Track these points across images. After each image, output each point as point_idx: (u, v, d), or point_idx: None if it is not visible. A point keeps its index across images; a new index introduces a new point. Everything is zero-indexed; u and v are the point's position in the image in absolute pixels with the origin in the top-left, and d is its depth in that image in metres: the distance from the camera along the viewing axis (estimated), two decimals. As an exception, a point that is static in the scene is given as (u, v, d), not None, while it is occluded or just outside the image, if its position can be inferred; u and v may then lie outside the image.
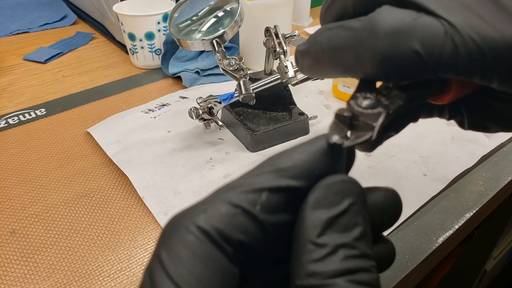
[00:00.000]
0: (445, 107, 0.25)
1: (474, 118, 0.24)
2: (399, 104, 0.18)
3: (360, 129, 0.17)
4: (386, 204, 0.18)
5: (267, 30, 0.47)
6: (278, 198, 0.16)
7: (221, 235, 0.15)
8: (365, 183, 0.17)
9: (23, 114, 0.55)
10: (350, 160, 0.17)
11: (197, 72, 0.62)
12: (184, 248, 0.14)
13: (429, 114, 0.25)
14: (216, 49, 0.44)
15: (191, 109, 0.45)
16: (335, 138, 0.16)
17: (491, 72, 0.17)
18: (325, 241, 0.15)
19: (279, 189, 0.16)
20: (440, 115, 0.25)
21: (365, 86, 0.19)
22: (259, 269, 0.17)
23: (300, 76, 0.45)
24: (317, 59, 0.20)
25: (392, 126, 0.22)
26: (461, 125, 0.25)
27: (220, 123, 0.46)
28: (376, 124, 0.17)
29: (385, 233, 0.37)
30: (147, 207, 0.40)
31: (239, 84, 0.43)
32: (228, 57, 0.44)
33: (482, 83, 0.17)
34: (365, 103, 0.18)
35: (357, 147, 0.18)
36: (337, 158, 0.17)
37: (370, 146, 0.18)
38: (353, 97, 0.18)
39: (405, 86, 0.19)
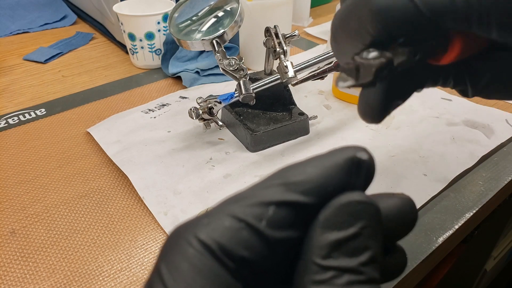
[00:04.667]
0: (450, 74, 0.25)
1: (478, 85, 0.24)
2: (403, 59, 0.19)
3: (362, 76, 0.18)
4: (402, 213, 0.17)
5: (267, 30, 0.47)
6: (285, 213, 0.15)
7: (223, 250, 0.14)
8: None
9: (23, 114, 0.55)
10: (369, 177, 0.16)
11: (197, 72, 0.62)
12: (184, 261, 0.14)
13: (434, 82, 0.25)
14: (216, 49, 0.44)
15: (191, 109, 0.45)
16: (340, 85, 0.17)
17: (489, 17, 0.17)
18: (330, 264, 0.14)
19: (287, 204, 0.15)
20: (445, 83, 0.25)
21: None
22: (265, 286, 0.16)
23: (300, 76, 0.45)
24: (335, 36, 0.21)
25: (398, 93, 0.23)
26: (465, 93, 0.25)
27: (220, 123, 0.46)
28: (375, 66, 0.18)
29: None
30: (147, 207, 0.40)
31: (239, 84, 0.43)
32: (228, 57, 0.44)
33: (481, 32, 0.17)
34: (369, 55, 0.18)
35: (365, 117, 0.18)
36: (355, 174, 0.16)
37: (376, 107, 0.19)
38: (359, 53, 0.19)
39: (408, 43, 0.19)
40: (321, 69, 0.45)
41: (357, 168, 0.16)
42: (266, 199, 0.15)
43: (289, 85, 0.51)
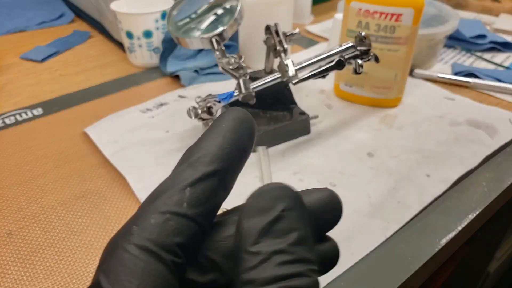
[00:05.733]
0: None
1: None
2: None
3: None
4: (323, 204, 0.18)
5: (268, 28, 0.47)
6: (202, 188, 0.16)
7: (157, 244, 0.15)
8: (367, 183, 0.17)
9: (19, 114, 0.55)
10: (252, 129, 0.18)
11: (196, 71, 0.61)
12: (120, 267, 0.15)
13: None
14: (216, 47, 0.43)
15: (189, 108, 0.45)
16: None
17: None
18: (259, 249, 0.15)
19: (199, 180, 0.16)
20: None
21: None
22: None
23: (301, 75, 0.44)
24: None
25: None
26: None
27: (220, 122, 0.45)
28: None
29: (388, 235, 0.36)
30: (145, 208, 0.40)
31: (238, 83, 0.42)
32: (228, 55, 0.43)
33: None
34: None
35: None
36: (240, 130, 0.17)
37: None
38: None
39: None
40: (322, 68, 0.45)
41: (240, 125, 0.17)
42: (180, 185, 0.16)
43: (290, 84, 0.50)
